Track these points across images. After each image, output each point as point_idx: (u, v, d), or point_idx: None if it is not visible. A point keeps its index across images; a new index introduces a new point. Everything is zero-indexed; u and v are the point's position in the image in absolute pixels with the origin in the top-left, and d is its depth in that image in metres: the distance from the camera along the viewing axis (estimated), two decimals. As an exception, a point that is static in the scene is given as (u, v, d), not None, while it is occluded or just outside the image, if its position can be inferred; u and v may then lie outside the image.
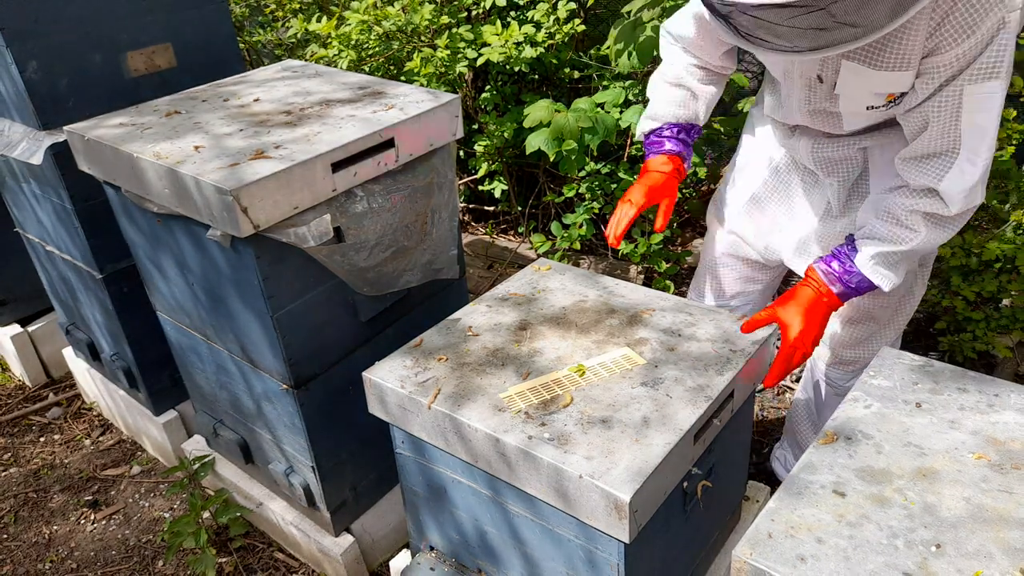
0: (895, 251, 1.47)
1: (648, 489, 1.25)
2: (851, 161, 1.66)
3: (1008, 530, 1.05)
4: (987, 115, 1.34)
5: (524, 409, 1.39)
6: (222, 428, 2.17)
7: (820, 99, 1.55)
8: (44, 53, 2.04)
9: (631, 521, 1.23)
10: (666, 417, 1.37)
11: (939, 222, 1.44)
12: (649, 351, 1.55)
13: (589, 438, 1.32)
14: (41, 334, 3.03)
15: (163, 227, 1.80)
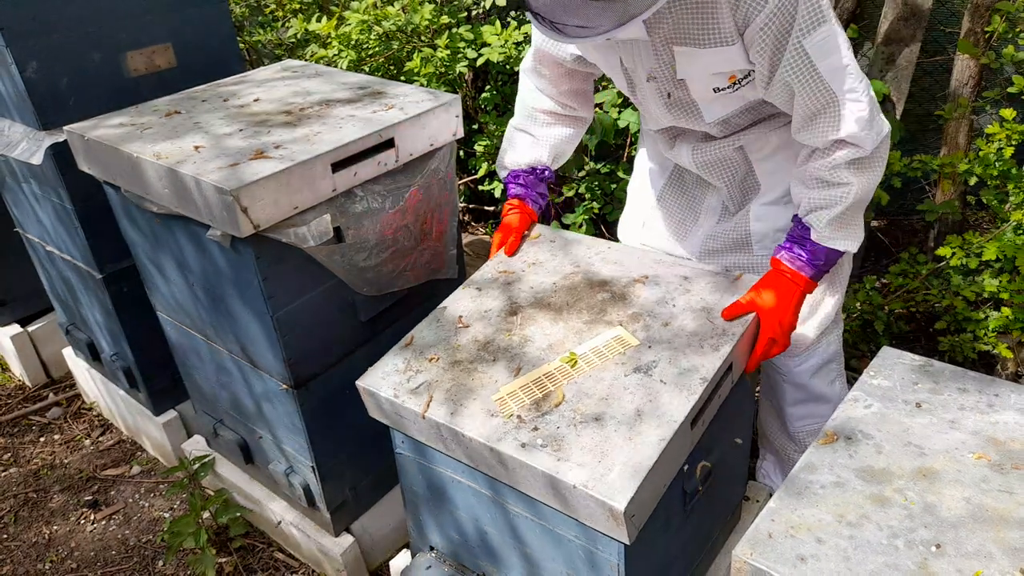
0: (841, 210, 1.48)
1: (645, 490, 1.24)
2: (731, 161, 1.72)
3: (1008, 530, 1.05)
4: (837, 55, 1.38)
5: (516, 413, 1.38)
6: (222, 428, 2.17)
7: (670, 88, 1.57)
8: (44, 53, 2.04)
9: (629, 526, 1.22)
10: (659, 408, 1.34)
11: (863, 165, 1.46)
12: (642, 329, 1.51)
13: (582, 440, 1.30)
14: (41, 334, 3.03)
15: (163, 227, 1.80)
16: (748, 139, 1.68)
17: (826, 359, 1.86)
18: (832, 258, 1.54)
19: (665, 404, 1.35)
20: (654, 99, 1.63)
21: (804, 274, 1.54)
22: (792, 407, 1.94)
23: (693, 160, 1.74)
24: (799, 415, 1.94)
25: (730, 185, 1.77)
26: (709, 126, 1.65)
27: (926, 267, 2.52)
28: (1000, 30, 2.28)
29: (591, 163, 2.94)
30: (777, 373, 1.91)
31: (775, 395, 1.97)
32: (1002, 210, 2.38)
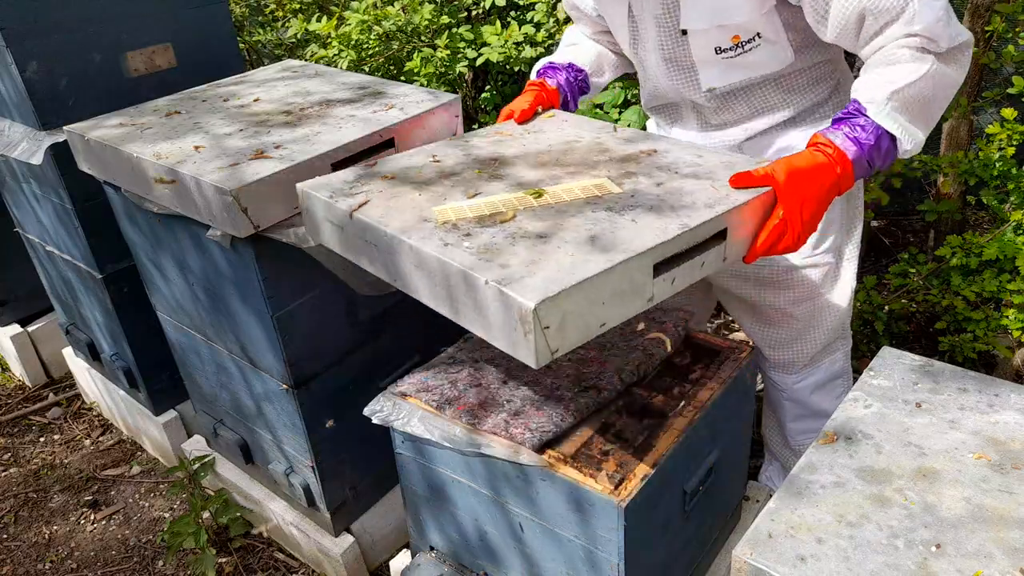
0: (909, 83, 1.26)
1: (571, 305, 1.02)
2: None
3: (1008, 530, 1.05)
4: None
5: (454, 221, 1.21)
6: (222, 428, 2.17)
7: (672, 45, 1.51)
8: (44, 53, 2.04)
9: (538, 339, 0.99)
10: (619, 239, 1.12)
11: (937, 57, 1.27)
12: (631, 183, 1.31)
13: (516, 250, 1.12)
14: (41, 334, 3.03)
15: (163, 227, 1.80)
16: (747, 137, 1.62)
17: (831, 376, 1.82)
18: (883, 148, 1.27)
19: (628, 237, 1.13)
20: (655, 54, 1.56)
21: (846, 152, 1.26)
22: (792, 422, 1.90)
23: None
24: (799, 430, 1.91)
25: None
26: (706, 99, 1.57)
27: (926, 267, 2.52)
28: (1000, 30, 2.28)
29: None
30: (776, 389, 1.88)
31: (775, 409, 1.95)
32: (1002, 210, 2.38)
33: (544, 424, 1.37)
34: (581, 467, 1.30)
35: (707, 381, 1.51)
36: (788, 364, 1.81)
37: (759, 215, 1.26)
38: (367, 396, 1.59)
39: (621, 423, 1.42)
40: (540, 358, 1.05)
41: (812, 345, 1.77)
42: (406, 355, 2.00)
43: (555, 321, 1.03)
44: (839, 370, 1.83)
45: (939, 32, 1.26)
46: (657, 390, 1.50)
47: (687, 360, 1.59)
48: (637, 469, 1.30)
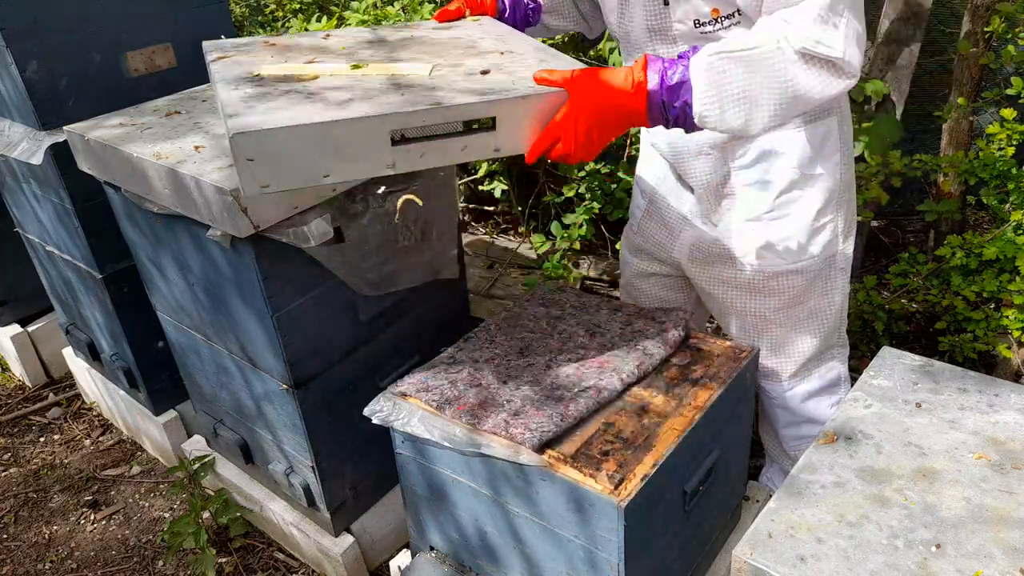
0: (737, 50, 1.22)
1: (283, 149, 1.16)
2: (706, 160, 1.61)
3: (1008, 530, 1.05)
4: None
5: (263, 75, 1.32)
6: (222, 428, 2.17)
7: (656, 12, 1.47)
8: (44, 53, 2.04)
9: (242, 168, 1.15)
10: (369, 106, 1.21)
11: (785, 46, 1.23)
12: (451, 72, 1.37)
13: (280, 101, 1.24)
14: (41, 334, 3.03)
15: (163, 227, 1.80)
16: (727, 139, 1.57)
17: (825, 385, 1.79)
18: (679, 99, 1.23)
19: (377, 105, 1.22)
20: (640, 23, 1.51)
21: (648, 81, 1.23)
22: (784, 429, 1.88)
23: (668, 144, 1.64)
24: (792, 436, 1.89)
25: (705, 188, 1.66)
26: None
27: (926, 267, 2.52)
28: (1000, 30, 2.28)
29: (591, 163, 2.94)
30: (767, 397, 1.86)
31: (768, 414, 1.93)
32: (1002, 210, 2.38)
33: (544, 424, 1.37)
34: (581, 467, 1.31)
35: (707, 381, 1.51)
36: (774, 373, 1.79)
37: (546, 115, 1.26)
38: (367, 396, 1.59)
39: (621, 423, 1.42)
40: (245, 187, 1.20)
41: (799, 355, 1.74)
42: (406, 355, 2.01)
43: (262, 156, 1.17)
44: (835, 379, 1.79)
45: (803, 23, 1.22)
46: (657, 390, 1.50)
47: (687, 360, 1.59)
48: (637, 469, 1.30)
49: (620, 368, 1.52)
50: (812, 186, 1.59)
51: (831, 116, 1.57)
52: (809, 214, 1.60)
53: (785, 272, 1.65)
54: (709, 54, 1.23)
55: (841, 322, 1.76)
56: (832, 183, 1.60)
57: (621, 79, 1.24)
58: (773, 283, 1.66)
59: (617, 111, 1.24)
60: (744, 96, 1.24)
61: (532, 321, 1.73)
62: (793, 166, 1.57)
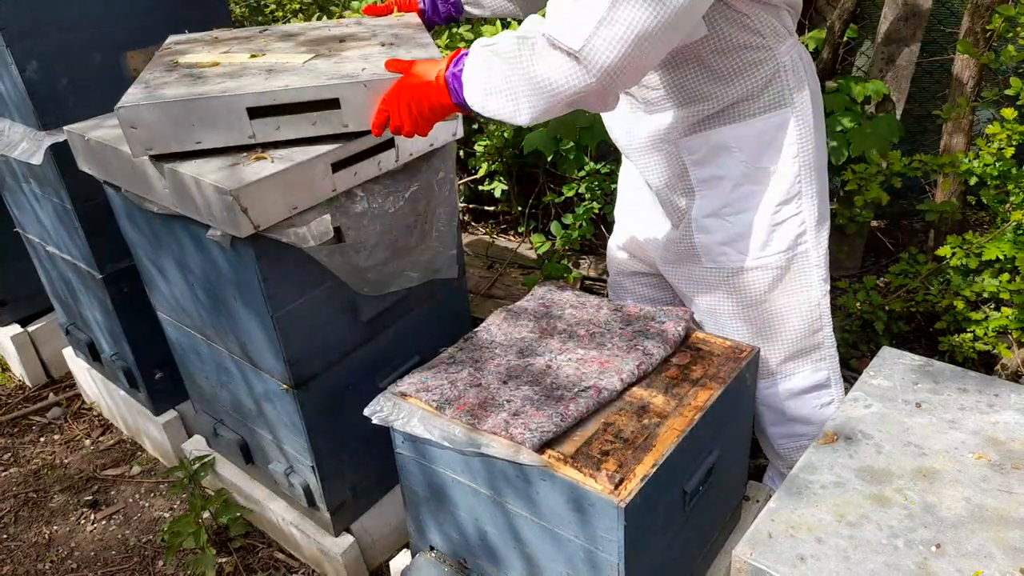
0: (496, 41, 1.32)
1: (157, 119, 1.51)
2: (660, 154, 1.60)
3: (1008, 530, 1.05)
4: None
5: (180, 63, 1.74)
6: (222, 428, 2.17)
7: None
8: (44, 53, 2.04)
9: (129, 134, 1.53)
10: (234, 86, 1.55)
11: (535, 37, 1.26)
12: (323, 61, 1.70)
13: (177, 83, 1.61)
14: (41, 334, 3.03)
15: (163, 227, 1.80)
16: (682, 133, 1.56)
17: (811, 386, 1.76)
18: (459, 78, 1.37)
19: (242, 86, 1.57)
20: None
21: (441, 69, 1.40)
22: (771, 427, 1.87)
23: (626, 137, 1.64)
24: (780, 435, 1.87)
25: (664, 185, 1.65)
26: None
27: (926, 267, 2.52)
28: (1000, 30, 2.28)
29: (591, 163, 2.94)
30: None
31: (756, 415, 1.91)
32: (1002, 210, 2.38)
33: (544, 424, 1.38)
34: (581, 467, 1.31)
35: (707, 381, 1.51)
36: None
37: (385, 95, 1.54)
38: (367, 396, 1.60)
39: (621, 423, 1.42)
40: (133, 150, 1.57)
41: (774, 353, 1.72)
42: (406, 355, 2.01)
43: (142, 125, 1.53)
44: (823, 380, 1.76)
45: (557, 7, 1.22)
46: (657, 390, 1.50)
47: (687, 360, 1.59)
48: (637, 469, 1.30)
49: (620, 368, 1.52)
50: (766, 180, 1.56)
51: (783, 108, 1.52)
52: (767, 208, 1.57)
53: (749, 268, 1.63)
54: (481, 46, 1.34)
55: (822, 321, 1.71)
56: (790, 176, 1.56)
57: (434, 68, 1.43)
58: (736, 280, 1.65)
59: (426, 91, 1.42)
60: (504, 88, 1.31)
61: (532, 321, 1.73)
62: (742, 160, 1.55)
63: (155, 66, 1.77)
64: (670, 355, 1.60)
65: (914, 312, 2.64)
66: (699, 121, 1.55)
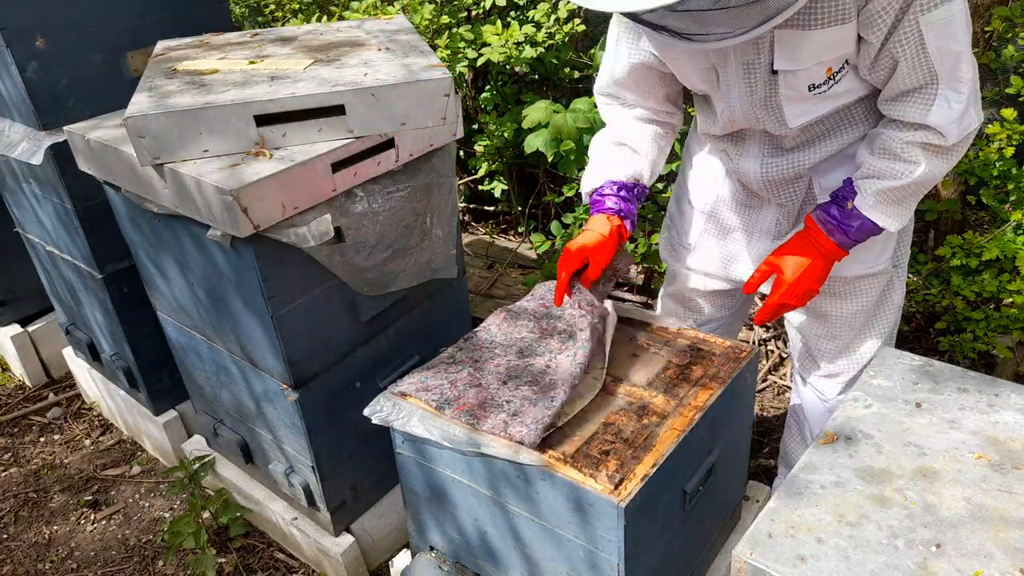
0: (896, 186, 1.42)
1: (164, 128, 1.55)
2: (798, 184, 1.62)
3: (1008, 530, 1.05)
4: (952, 39, 1.30)
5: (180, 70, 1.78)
6: (222, 428, 2.17)
7: (761, 86, 1.47)
8: (44, 53, 2.04)
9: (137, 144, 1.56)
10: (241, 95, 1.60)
11: (939, 152, 1.40)
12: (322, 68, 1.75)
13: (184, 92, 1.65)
14: (41, 334, 3.03)
15: (163, 227, 1.80)
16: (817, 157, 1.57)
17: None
18: (867, 229, 1.47)
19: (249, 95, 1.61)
20: (740, 94, 1.50)
21: (831, 238, 1.49)
22: (818, 426, 1.87)
23: (762, 174, 1.62)
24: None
25: (791, 205, 1.66)
26: (787, 132, 1.53)
27: (926, 267, 2.51)
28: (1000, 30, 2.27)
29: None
30: (819, 399, 1.85)
31: (807, 421, 1.91)
32: (1002, 210, 2.38)
33: (540, 415, 1.37)
34: (581, 467, 1.31)
35: (707, 381, 1.51)
36: (842, 372, 1.79)
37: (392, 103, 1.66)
38: (367, 396, 1.60)
39: (621, 423, 1.42)
40: (140, 160, 1.59)
41: (868, 352, 1.76)
42: (406, 355, 2.01)
43: (149, 134, 1.55)
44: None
45: (952, 128, 1.36)
46: (657, 390, 1.50)
47: (687, 360, 1.59)
48: (637, 469, 1.30)
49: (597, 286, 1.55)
50: None
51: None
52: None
53: (863, 276, 1.65)
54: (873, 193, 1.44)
55: (898, 321, 1.79)
56: None
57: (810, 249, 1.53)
58: (851, 287, 1.67)
59: (823, 267, 1.54)
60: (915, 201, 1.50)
61: (532, 321, 1.73)
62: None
63: (154, 73, 1.79)
64: (670, 355, 1.60)
65: (914, 312, 2.64)
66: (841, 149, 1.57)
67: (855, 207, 1.46)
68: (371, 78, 1.66)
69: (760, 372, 2.73)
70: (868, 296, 1.69)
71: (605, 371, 1.54)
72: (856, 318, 1.72)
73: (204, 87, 1.67)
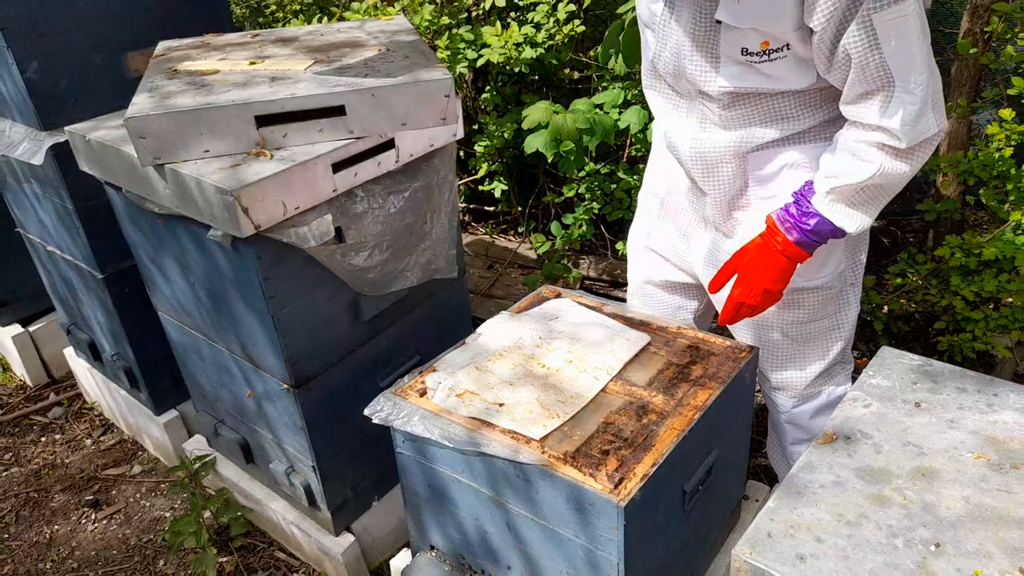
0: (852, 184, 1.41)
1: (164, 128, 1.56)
2: (727, 168, 1.59)
3: (1007, 530, 1.05)
4: (907, 39, 1.29)
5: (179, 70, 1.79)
6: (223, 428, 2.17)
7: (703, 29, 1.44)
8: (45, 53, 2.04)
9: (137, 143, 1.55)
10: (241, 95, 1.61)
11: (895, 154, 1.39)
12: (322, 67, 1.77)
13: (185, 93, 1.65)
14: (42, 334, 3.03)
15: (164, 227, 1.80)
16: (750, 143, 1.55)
17: (833, 400, 1.78)
18: (823, 230, 1.46)
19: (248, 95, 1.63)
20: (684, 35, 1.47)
21: (788, 236, 1.48)
22: (793, 446, 1.88)
23: (691, 150, 1.60)
24: (799, 452, 1.86)
25: (722, 194, 1.62)
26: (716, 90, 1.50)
27: (926, 267, 2.52)
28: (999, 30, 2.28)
29: (591, 163, 2.94)
30: (777, 411, 1.85)
31: (776, 430, 1.92)
32: (1001, 210, 2.38)
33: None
34: (581, 467, 1.31)
35: (707, 381, 1.52)
36: (790, 386, 1.78)
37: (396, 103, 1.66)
38: (367, 396, 1.60)
39: (621, 422, 1.42)
40: (142, 160, 1.60)
41: (814, 367, 1.74)
42: (406, 355, 2.01)
43: (150, 134, 1.55)
44: (841, 395, 1.78)
45: (906, 131, 1.35)
46: (657, 390, 1.50)
47: (687, 360, 1.59)
48: (637, 469, 1.30)
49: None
50: None
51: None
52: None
53: (803, 288, 1.63)
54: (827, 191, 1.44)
55: (851, 337, 1.75)
56: None
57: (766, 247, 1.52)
58: (791, 299, 1.65)
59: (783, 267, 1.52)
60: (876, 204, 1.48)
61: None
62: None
63: (155, 74, 1.80)
64: (670, 355, 1.60)
65: (913, 312, 2.64)
66: (776, 139, 1.54)
67: (811, 205, 1.46)
68: (371, 79, 1.67)
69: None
70: (805, 310, 1.67)
71: (606, 371, 1.55)
72: (794, 330, 1.70)
73: (205, 87, 1.68)
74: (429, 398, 1.51)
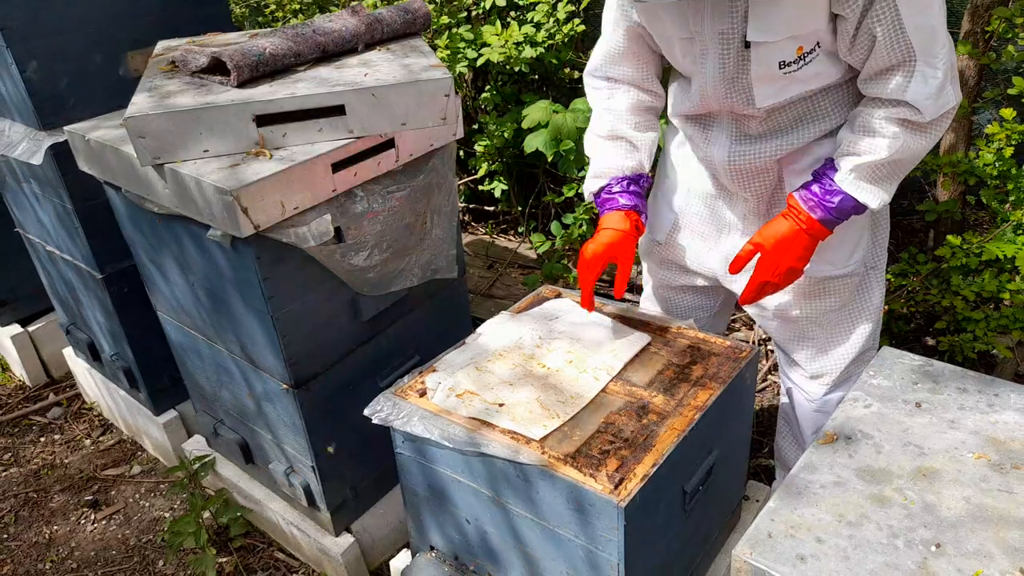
0: (874, 161, 1.43)
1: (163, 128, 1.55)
2: (765, 176, 1.61)
3: (1008, 530, 1.05)
4: (928, 14, 1.33)
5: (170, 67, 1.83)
6: (222, 428, 2.17)
7: (733, 60, 1.45)
8: (44, 53, 2.04)
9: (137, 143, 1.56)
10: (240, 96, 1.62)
11: (916, 129, 1.41)
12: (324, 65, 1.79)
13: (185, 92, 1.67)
14: (42, 334, 3.03)
15: (164, 227, 1.80)
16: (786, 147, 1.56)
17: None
18: (846, 207, 1.47)
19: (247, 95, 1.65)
20: (713, 67, 1.48)
21: (812, 215, 1.48)
22: (808, 426, 1.86)
23: (729, 162, 1.60)
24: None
25: (759, 198, 1.65)
26: (755, 112, 1.52)
27: (926, 267, 2.52)
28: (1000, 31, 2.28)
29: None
30: (806, 400, 1.83)
31: (797, 421, 1.90)
32: (1002, 210, 2.38)
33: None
34: (581, 467, 1.31)
35: (707, 381, 1.52)
36: (827, 372, 1.78)
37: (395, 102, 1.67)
38: (367, 396, 1.60)
39: (621, 423, 1.42)
40: (141, 160, 1.60)
41: (847, 353, 1.74)
42: (406, 355, 2.01)
43: (150, 134, 1.55)
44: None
45: (928, 105, 1.37)
46: (657, 390, 1.50)
47: (687, 360, 1.59)
48: (637, 469, 1.30)
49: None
50: None
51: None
52: (859, 220, 1.59)
53: (834, 277, 1.65)
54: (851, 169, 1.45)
55: (880, 321, 1.77)
56: None
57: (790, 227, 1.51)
58: (821, 287, 1.66)
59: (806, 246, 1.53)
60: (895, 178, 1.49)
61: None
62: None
63: (154, 73, 1.79)
64: (670, 355, 1.60)
65: (914, 312, 2.64)
66: (811, 141, 1.56)
67: (835, 183, 1.47)
68: (371, 78, 1.66)
69: (760, 372, 2.73)
70: (836, 297, 1.68)
71: (606, 371, 1.54)
72: (826, 318, 1.71)
73: (204, 87, 1.67)
74: (429, 398, 1.51)
